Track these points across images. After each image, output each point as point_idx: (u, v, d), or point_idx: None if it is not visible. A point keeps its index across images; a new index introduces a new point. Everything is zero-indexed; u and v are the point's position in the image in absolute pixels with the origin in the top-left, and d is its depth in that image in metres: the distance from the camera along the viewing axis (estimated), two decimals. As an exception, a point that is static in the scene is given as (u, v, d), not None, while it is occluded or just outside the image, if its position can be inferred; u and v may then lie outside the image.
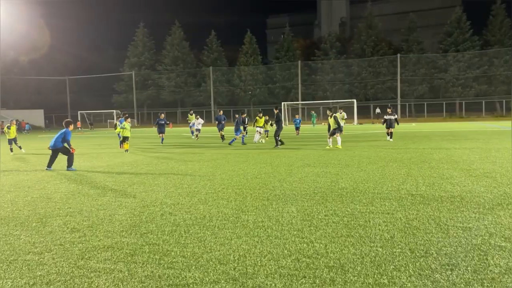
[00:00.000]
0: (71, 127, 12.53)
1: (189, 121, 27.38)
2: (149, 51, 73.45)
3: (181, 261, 4.19)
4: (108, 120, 62.02)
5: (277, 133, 17.96)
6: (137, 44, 73.18)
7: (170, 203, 6.88)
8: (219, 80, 69.10)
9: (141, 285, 3.63)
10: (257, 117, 21.21)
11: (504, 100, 56.10)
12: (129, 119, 18.33)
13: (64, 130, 12.07)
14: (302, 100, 61.18)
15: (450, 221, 5.38)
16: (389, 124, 20.07)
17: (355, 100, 48.09)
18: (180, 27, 72.62)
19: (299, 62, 64.97)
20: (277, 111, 18.53)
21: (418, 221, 5.42)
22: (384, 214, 5.80)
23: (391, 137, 19.93)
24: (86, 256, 4.39)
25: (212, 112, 67.23)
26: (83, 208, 6.68)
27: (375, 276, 3.69)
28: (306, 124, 47.58)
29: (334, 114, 16.48)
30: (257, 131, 20.86)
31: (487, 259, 4.00)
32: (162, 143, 21.58)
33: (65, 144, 12.04)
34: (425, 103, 58.85)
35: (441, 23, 69.18)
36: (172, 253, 4.41)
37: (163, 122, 22.74)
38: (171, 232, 5.20)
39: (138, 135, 33.22)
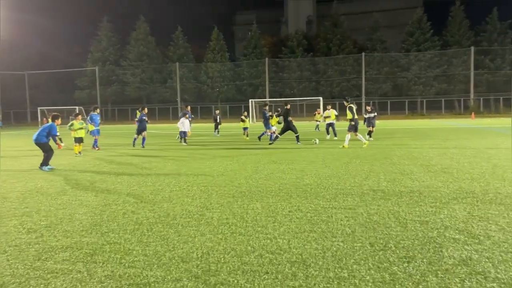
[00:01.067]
0: (58, 121, 11.81)
1: (136, 119, 24.83)
2: (113, 46, 71.62)
3: (142, 259, 4.12)
4: (70, 117, 60.08)
5: (283, 131, 17.33)
6: (100, 39, 71.19)
7: (133, 202, 6.76)
8: (185, 76, 68.32)
9: (100, 285, 3.55)
10: (274, 115, 19.86)
11: (462, 99, 58.37)
12: (79, 117, 15.03)
13: (49, 124, 11.34)
14: (269, 98, 61.44)
15: (408, 215, 5.55)
16: (368, 123, 18.92)
17: (321, 98, 48.70)
18: (145, 22, 71.26)
19: (267, 59, 65.18)
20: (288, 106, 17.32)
21: (379, 215, 5.57)
22: (346, 210, 5.92)
23: (370, 136, 18.56)
24: (43, 257, 4.24)
25: (179, 109, 66.43)
26: (41, 208, 6.45)
27: (336, 270, 3.76)
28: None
29: (350, 105, 15.12)
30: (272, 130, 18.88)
31: (442, 251, 4.16)
32: (143, 145, 17.53)
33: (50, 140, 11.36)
34: (389, 101, 60.44)
35: (403, 23, 71.11)
36: (134, 252, 4.34)
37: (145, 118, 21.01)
38: (133, 231, 5.11)
39: (103, 132, 32.36)
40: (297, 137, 16.98)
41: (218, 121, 25.42)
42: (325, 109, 21.46)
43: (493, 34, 59.63)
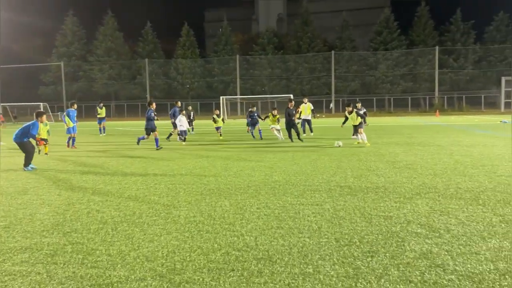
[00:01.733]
0: (42, 119, 10.79)
1: (98, 115, 23.03)
2: (79, 41, 69.65)
3: (106, 259, 4.03)
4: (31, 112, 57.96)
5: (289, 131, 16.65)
6: (66, 33, 69.08)
7: (98, 200, 6.60)
8: (155, 72, 67.26)
9: (60, 287, 3.44)
10: (270, 114, 17.85)
11: (427, 97, 60.09)
12: (44, 117, 11.59)
13: (31, 122, 10.29)
14: (240, 95, 61.38)
15: (373, 210, 5.67)
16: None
17: (291, 95, 49.07)
18: (113, 16, 69.65)
19: (237, 56, 65.04)
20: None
21: (345, 211, 5.66)
22: (313, 206, 5.99)
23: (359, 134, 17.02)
24: (0, 259, 4.08)
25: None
26: (0, 208, 6.20)
27: (301, 265, 3.80)
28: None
29: (356, 109, 15.03)
30: (272, 128, 17.63)
31: (404, 245, 4.27)
32: (157, 146, 14.91)
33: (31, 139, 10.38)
34: (357, 98, 61.54)
35: (371, 23, 72.49)
36: (97, 252, 4.24)
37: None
38: (97, 230, 4.99)
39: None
40: (298, 135, 16.36)
41: (191, 118, 24.60)
42: (300, 103, 20.83)
43: (457, 34, 61.64)
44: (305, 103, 20.15)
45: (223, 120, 20.32)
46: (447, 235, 4.55)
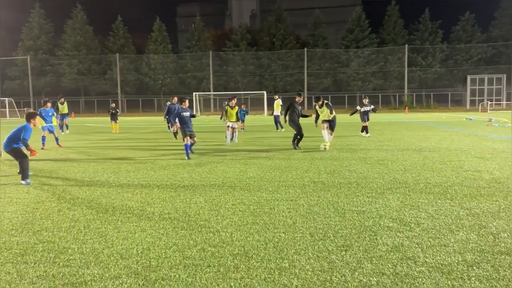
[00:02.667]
0: (35, 121, 8.42)
1: (60, 112, 21.18)
2: (46, 34, 67.48)
3: (79, 258, 3.95)
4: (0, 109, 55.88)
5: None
6: (32, 26, 66.79)
7: (69, 198, 6.45)
8: (126, 68, 66.02)
9: (31, 287, 3.35)
10: (228, 107, 14.55)
11: (397, 94, 61.51)
12: (37, 119, 8.82)
13: (23, 125, 8.09)
14: (214, 91, 61.08)
15: (346, 205, 5.77)
16: (363, 117, 16.78)
17: (265, 92, 49.22)
18: (83, 10, 67.84)
19: (210, 52, 64.63)
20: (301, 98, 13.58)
21: (319, 206, 5.74)
22: (288, 201, 6.04)
23: (367, 132, 16.71)
24: (-33, 260, 3.93)
25: (119, 102, 64.15)
26: (-35, 207, 5.97)
27: (277, 260, 3.83)
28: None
29: (326, 101, 12.63)
30: (228, 126, 14.44)
31: (376, 239, 4.37)
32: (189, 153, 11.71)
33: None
34: (330, 95, 62.33)
35: (343, 21, 73.52)
36: (69, 250, 4.14)
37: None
38: (69, 228, 4.88)
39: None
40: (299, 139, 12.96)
41: (165, 115, 23.96)
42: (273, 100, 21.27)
43: (425, 33, 63.28)
44: (276, 99, 20.84)
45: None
46: (417, 229, 4.69)
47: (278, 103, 20.79)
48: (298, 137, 12.76)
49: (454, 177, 7.67)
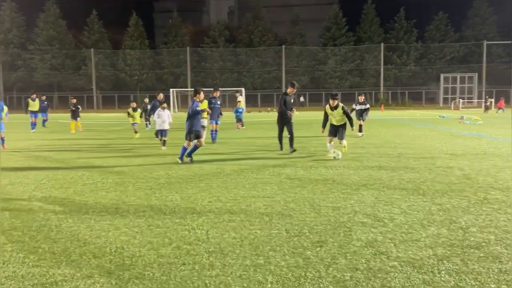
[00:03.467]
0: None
1: (30, 109, 20.38)
2: (18, 28, 65.44)
3: (49, 257, 3.85)
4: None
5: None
6: (3, 20, 64.61)
7: (41, 196, 6.29)
8: (101, 63, 64.67)
9: (-1, 288, 3.26)
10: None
11: (373, 92, 62.42)
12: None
13: None
14: (191, 87, 60.58)
15: (322, 201, 5.82)
16: (360, 115, 15.98)
17: (243, 89, 49.13)
18: (55, 3, 66.04)
19: (188, 48, 64.03)
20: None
21: (295, 203, 5.77)
22: (264, 198, 6.06)
23: (360, 130, 15.55)
24: None
25: (94, 98, 62.92)
26: None
27: (253, 257, 3.83)
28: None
29: (342, 104, 10.48)
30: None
31: (351, 235, 4.43)
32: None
33: None
34: (307, 93, 62.73)
35: (321, 18, 73.95)
36: (40, 250, 4.04)
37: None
38: (40, 228, 4.76)
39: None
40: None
41: (148, 112, 21.21)
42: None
43: (400, 32, 64.34)
44: (238, 96, 21.08)
45: (141, 115, 16.98)
46: (390, 224, 4.77)
47: (241, 100, 20.81)
48: (289, 136, 11.06)
49: (427, 174, 7.84)
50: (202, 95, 10.15)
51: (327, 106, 10.55)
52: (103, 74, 64.52)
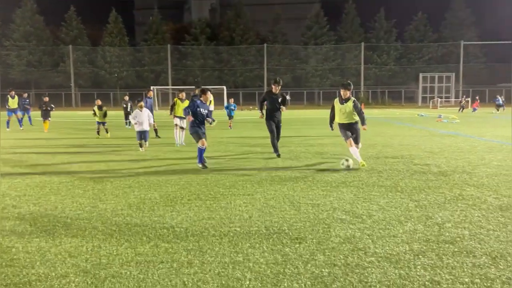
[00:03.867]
0: None
1: (9, 108, 19.65)
2: (-7, 23, 63.69)
3: (23, 257, 3.76)
4: None
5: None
6: (-23, 14, 62.81)
7: (15, 195, 6.14)
8: (80, 60, 63.54)
9: (-31, 289, 3.16)
10: (177, 99, 12.72)
11: (354, 91, 63.04)
12: None
13: None
14: (172, 85, 60.08)
15: (302, 199, 5.85)
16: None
17: (224, 87, 48.98)
18: (33, -2, 64.54)
19: (169, 45, 63.47)
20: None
21: (275, 200, 5.78)
22: (244, 196, 6.05)
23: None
24: None
25: (73, 95, 61.79)
26: None
27: (232, 254, 3.82)
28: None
29: (354, 98, 8.80)
30: (176, 124, 12.56)
31: (330, 231, 4.46)
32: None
33: None
34: (289, 91, 62.99)
35: (302, 17, 74.28)
36: (13, 250, 3.94)
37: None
38: (13, 227, 4.64)
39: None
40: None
41: (128, 109, 20.74)
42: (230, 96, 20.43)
43: (380, 32, 65.22)
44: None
45: (105, 113, 15.70)
46: (369, 220, 4.83)
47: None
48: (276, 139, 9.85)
49: (405, 171, 7.96)
50: (209, 96, 8.90)
51: (336, 99, 8.83)
52: (81, 71, 63.42)
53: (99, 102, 16.05)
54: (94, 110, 15.70)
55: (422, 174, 7.60)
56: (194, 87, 13.26)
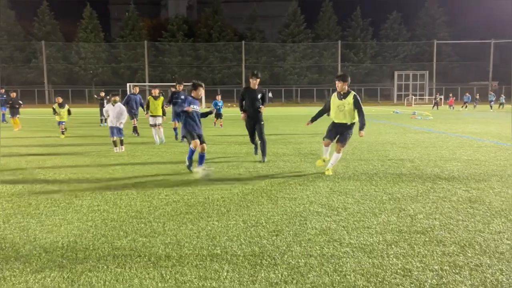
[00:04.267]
0: None
1: None
2: (-39, 17, 61.48)
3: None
4: None
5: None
6: None
7: (-13, 192, 5.99)
8: (53, 56, 62.02)
9: None
10: (150, 97, 12.52)
11: (331, 88, 63.77)
12: None
13: None
14: (149, 82, 59.35)
15: (279, 193, 5.92)
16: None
17: (203, 84, 48.70)
18: (3, -8, 62.60)
19: (146, 42, 62.66)
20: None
21: (253, 195, 5.84)
22: (222, 191, 6.08)
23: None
24: None
25: (46, 92, 60.30)
26: None
27: (209, 248, 3.86)
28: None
29: (355, 92, 7.53)
30: (152, 124, 12.23)
31: (306, 224, 4.55)
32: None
33: None
34: (267, 89, 63.17)
35: (280, 15, 74.49)
36: (-14, 247, 3.89)
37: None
38: (-14, 224, 4.55)
39: None
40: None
41: (105, 105, 20.30)
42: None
43: (357, 30, 66.05)
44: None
45: (69, 111, 14.61)
46: (344, 213, 4.93)
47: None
48: (261, 141, 8.81)
49: (379, 165, 8.14)
50: (201, 91, 8.09)
51: (334, 94, 7.56)
52: (55, 68, 61.94)
53: (59, 99, 14.49)
54: (53, 108, 14.38)
55: (396, 168, 7.79)
56: (175, 84, 12.75)
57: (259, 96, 8.73)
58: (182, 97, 12.33)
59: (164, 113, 12.55)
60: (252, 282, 3.15)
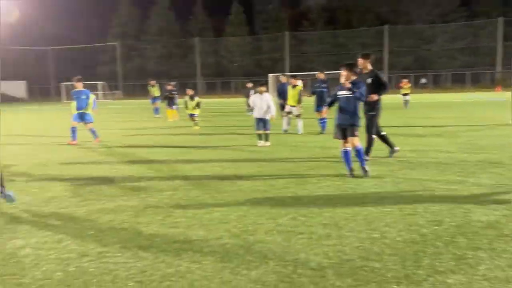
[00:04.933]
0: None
1: (152, 95, 21.38)
2: (133, 20, 71.53)
3: (184, 221, 4.39)
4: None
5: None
6: (120, 15, 71.11)
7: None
8: (205, 51, 68.07)
9: None
10: (188, 97, 14.04)
11: (487, 72, 56.65)
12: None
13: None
14: (290, 72, 60.88)
15: (434, 183, 5.67)
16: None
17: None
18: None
19: (287, 33, 64.25)
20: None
21: (406, 183, 5.71)
22: (374, 179, 6.07)
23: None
24: None
25: (199, 84, 66.60)
26: None
27: (367, 231, 3.96)
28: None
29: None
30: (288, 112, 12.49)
31: (469, 216, 4.30)
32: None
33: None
34: (411, 74, 59.22)
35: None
36: (174, 214, 4.61)
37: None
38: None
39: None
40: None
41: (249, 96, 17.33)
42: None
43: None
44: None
45: (198, 104, 14.29)
46: None
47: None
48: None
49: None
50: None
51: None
52: (206, 61, 67.81)
53: (190, 91, 14.19)
54: (185, 102, 14.28)
55: None
56: (317, 72, 12.69)
57: (370, 80, 7.49)
58: (324, 85, 12.29)
59: (299, 102, 12.04)
60: (415, 268, 3.16)
